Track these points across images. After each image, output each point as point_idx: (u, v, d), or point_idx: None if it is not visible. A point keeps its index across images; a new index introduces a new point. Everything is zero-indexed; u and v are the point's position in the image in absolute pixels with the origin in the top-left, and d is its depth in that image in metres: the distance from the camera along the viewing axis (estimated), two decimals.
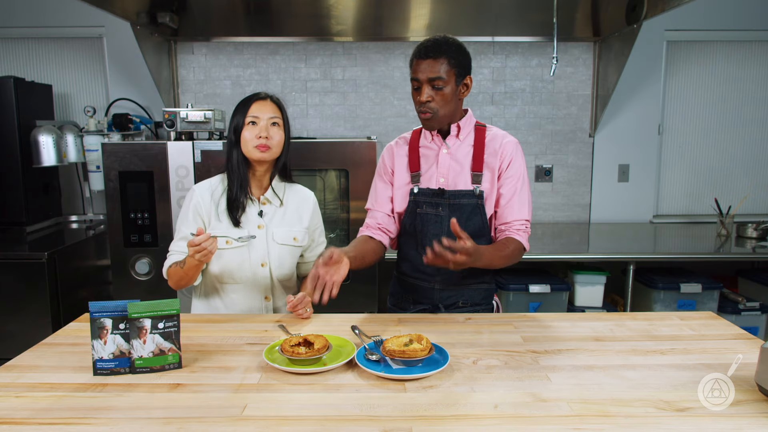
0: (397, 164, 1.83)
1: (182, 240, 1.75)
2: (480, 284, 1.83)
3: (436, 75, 1.61)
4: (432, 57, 1.61)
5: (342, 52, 3.49)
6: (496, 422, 1.07)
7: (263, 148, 1.70)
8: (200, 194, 1.76)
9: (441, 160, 1.76)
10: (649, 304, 2.96)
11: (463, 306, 1.81)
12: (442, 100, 1.65)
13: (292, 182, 1.88)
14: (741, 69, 3.60)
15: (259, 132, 1.70)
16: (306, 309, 1.68)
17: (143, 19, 3.00)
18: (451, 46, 1.63)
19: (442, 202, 1.73)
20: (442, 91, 1.63)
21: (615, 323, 1.64)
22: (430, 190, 1.76)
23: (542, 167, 3.61)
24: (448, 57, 1.62)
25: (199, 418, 1.09)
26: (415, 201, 1.78)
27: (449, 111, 1.68)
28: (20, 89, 3.03)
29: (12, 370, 1.32)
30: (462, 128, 1.75)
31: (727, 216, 3.24)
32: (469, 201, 1.72)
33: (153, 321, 1.30)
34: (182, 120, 2.78)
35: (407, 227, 1.81)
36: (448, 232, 1.70)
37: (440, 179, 1.75)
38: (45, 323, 2.69)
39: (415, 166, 1.79)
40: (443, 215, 1.73)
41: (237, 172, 1.74)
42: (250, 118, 1.71)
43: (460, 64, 1.64)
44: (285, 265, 1.83)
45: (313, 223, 1.89)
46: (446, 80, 1.62)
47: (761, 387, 1.16)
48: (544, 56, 3.52)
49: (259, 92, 1.78)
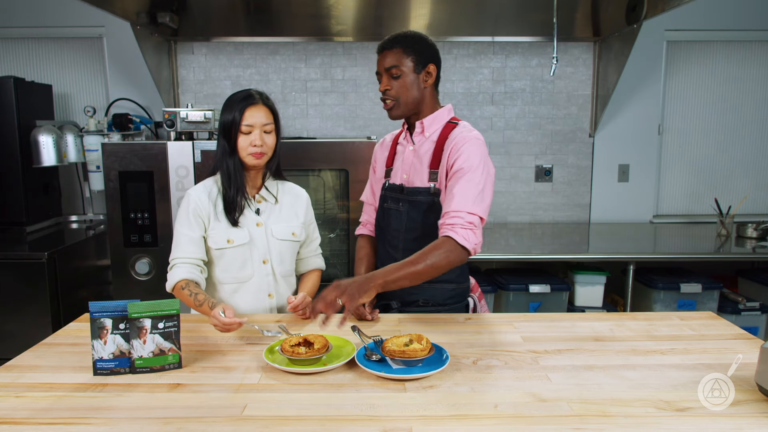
0: (379, 159, 1.92)
1: (185, 246, 1.71)
2: (444, 283, 1.76)
3: (391, 64, 1.67)
4: (387, 48, 1.69)
5: (342, 52, 3.49)
6: (496, 422, 1.07)
7: (258, 156, 1.71)
8: (197, 197, 1.74)
9: (405, 156, 1.79)
10: (649, 304, 2.96)
11: (424, 305, 1.77)
12: (400, 87, 1.68)
13: (284, 180, 1.89)
14: (741, 69, 3.60)
15: (254, 140, 1.69)
16: (307, 309, 1.68)
17: (143, 19, 3.00)
18: (406, 37, 1.69)
19: (402, 198, 1.75)
20: (399, 79, 1.68)
21: (615, 323, 1.64)
22: (394, 186, 1.79)
23: (542, 167, 3.61)
24: (403, 46, 1.67)
25: (199, 418, 1.09)
26: (383, 196, 1.83)
27: (410, 98, 1.70)
28: (20, 89, 3.03)
29: (12, 370, 1.32)
30: (427, 125, 1.74)
31: (727, 216, 3.24)
32: (425, 198, 1.71)
33: (153, 321, 1.30)
34: (182, 120, 2.78)
35: (379, 221, 1.86)
36: (407, 228, 1.73)
37: (403, 175, 1.78)
38: (45, 323, 2.68)
39: (389, 161, 1.86)
40: (403, 211, 1.74)
41: (234, 177, 1.73)
42: (244, 128, 1.69)
43: (417, 52, 1.68)
44: (286, 261, 1.84)
45: (308, 218, 1.91)
46: (401, 68, 1.67)
47: (761, 387, 1.16)
48: (544, 56, 3.52)
49: (251, 94, 1.72)
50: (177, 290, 1.70)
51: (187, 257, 1.71)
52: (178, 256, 1.72)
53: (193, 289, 1.66)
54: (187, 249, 1.72)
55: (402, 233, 1.74)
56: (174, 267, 1.72)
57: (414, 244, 1.64)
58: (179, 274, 1.70)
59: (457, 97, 3.52)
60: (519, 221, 3.67)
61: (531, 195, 3.64)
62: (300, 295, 1.68)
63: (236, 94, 1.73)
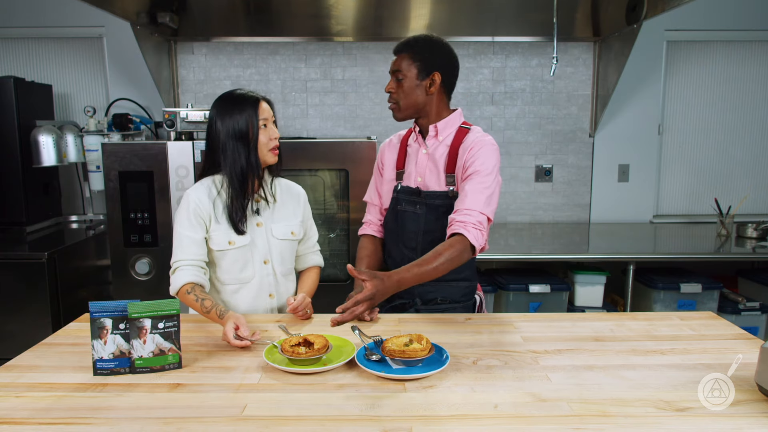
0: (387, 160, 1.92)
1: (188, 247, 1.68)
2: (460, 282, 1.82)
3: (397, 68, 1.74)
4: (398, 52, 1.76)
5: (342, 52, 3.49)
6: (496, 422, 1.07)
7: (275, 151, 1.72)
8: (197, 197, 1.71)
9: (419, 159, 1.81)
10: (649, 304, 2.96)
11: (442, 302, 1.82)
12: (402, 91, 1.74)
13: (279, 176, 1.86)
14: (741, 69, 3.60)
15: (272, 134, 1.69)
16: (306, 310, 1.69)
17: (143, 19, 3.00)
18: (417, 42, 1.74)
19: (419, 201, 1.78)
20: (401, 83, 1.73)
21: (615, 323, 1.64)
22: (409, 189, 1.81)
23: (542, 167, 3.61)
24: (412, 52, 1.72)
25: (198, 418, 1.09)
26: (396, 198, 1.84)
27: (411, 103, 1.74)
28: (20, 89, 3.03)
29: (12, 370, 1.32)
30: (441, 129, 1.78)
31: (727, 216, 3.24)
32: (443, 202, 1.74)
33: (153, 321, 1.30)
34: (182, 120, 2.78)
35: (389, 223, 1.87)
36: (425, 229, 1.77)
37: (417, 178, 1.80)
38: (45, 323, 2.68)
39: (400, 163, 1.87)
40: (420, 213, 1.77)
41: (252, 178, 1.69)
42: (262, 121, 1.67)
43: (424, 60, 1.72)
44: (286, 260, 1.84)
45: (306, 216, 1.91)
46: (405, 73, 1.72)
47: (761, 387, 1.16)
48: (544, 56, 3.52)
49: (252, 93, 1.70)
50: (182, 294, 1.66)
51: (191, 259, 1.68)
52: (181, 258, 1.68)
53: (199, 294, 1.64)
54: (190, 250, 1.68)
55: (420, 235, 1.78)
56: (177, 270, 1.68)
57: (431, 246, 1.67)
58: (184, 277, 1.66)
59: (457, 97, 3.52)
60: (519, 221, 3.67)
61: (531, 195, 3.64)
62: (299, 296, 1.68)
63: (234, 97, 1.68)
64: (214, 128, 1.68)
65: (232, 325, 1.47)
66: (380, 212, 1.96)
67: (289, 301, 1.66)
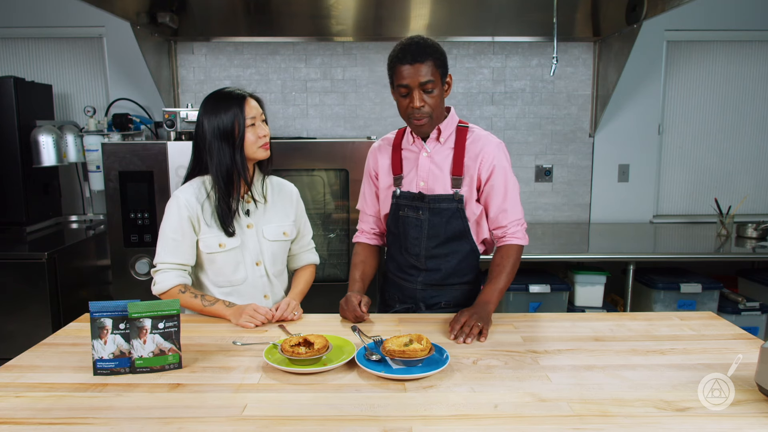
0: (380, 166, 1.84)
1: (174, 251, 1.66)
2: (463, 284, 1.80)
3: (427, 78, 1.58)
4: (419, 61, 1.57)
5: (342, 52, 3.49)
6: (496, 422, 1.07)
7: (267, 146, 1.70)
8: (187, 200, 1.68)
9: (421, 163, 1.74)
10: (649, 304, 2.96)
11: (446, 306, 1.80)
12: (434, 103, 1.63)
13: (270, 174, 1.84)
14: (741, 69, 3.60)
15: (260, 132, 1.67)
16: (294, 313, 1.68)
17: (143, 19, 3.00)
18: (433, 47, 1.62)
19: (423, 205, 1.72)
20: (432, 93, 1.62)
21: (615, 323, 1.64)
22: (410, 194, 1.75)
23: (542, 167, 3.61)
24: (434, 59, 1.60)
25: (199, 418, 1.09)
26: (397, 203, 1.78)
27: (440, 113, 1.69)
28: (20, 89, 3.03)
29: (12, 370, 1.32)
30: (443, 131, 1.72)
31: (727, 216, 3.24)
32: (449, 205, 1.71)
33: (153, 321, 1.30)
34: (182, 120, 2.78)
35: (391, 228, 1.82)
36: (428, 235, 1.73)
37: (420, 183, 1.74)
38: (45, 323, 2.68)
39: (396, 168, 1.79)
40: (423, 219, 1.72)
41: (237, 178, 1.67)
42: (249, 120, 1.65)
43: (443, 65, 1.64)
44: (278, 261, 1.82)
45: (299, 214, 1.88)
46: (435, 82, 1.61)
47: (761, 387, 1.16)
48: (544, 56, 3.52)
49: (239, 91, 1.67)
50: (173, 294, 1.65)
51: (176, 263, 1.67)
52: (167, 261, 1.66)
53: (195, 291, 1.65)
54: (176, 255, 1.67)
55: (423, 241, 1.73)
56: (162, 272, 1.67)
57: (436, 251, 1.67)
58: (172, 279, 1.66)
59: (457, 97, 3.52)
60: None
61: (531, 195, 3.64)
62: (283, 303, 1.68)
63: (220, 95, 1.66)
64: (201, 128, 1.66)
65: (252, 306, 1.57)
66: (374, 220, 1.90)
67: (273, 314, 1.64)
